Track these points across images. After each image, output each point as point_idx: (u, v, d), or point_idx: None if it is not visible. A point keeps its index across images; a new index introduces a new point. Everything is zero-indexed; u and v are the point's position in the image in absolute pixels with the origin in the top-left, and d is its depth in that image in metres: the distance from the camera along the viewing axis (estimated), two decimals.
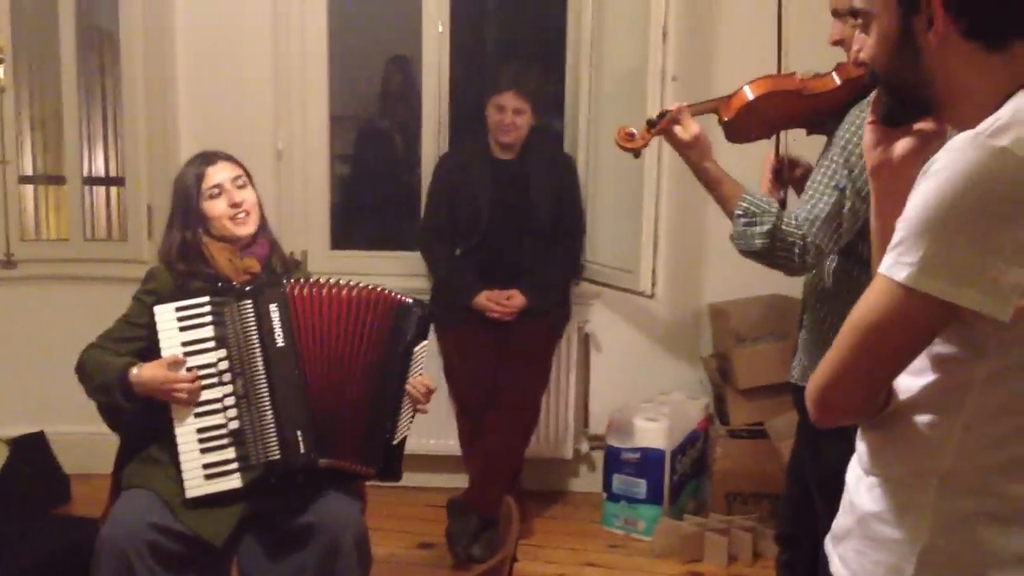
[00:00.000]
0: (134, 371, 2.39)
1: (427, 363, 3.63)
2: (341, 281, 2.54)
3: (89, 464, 3.64)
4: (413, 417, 2.57)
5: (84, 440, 2.93)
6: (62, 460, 4.05)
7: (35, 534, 3.25)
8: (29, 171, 4.51)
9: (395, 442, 2.52)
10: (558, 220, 3.79)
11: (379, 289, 2.57)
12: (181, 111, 4.15)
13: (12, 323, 4.20)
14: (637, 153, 2.42)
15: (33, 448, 3.97)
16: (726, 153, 2.36)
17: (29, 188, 4.52)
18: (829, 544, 1.43)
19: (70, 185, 4.33)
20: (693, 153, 2.27)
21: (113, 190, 4.56)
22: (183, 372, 2.39)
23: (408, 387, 2.52)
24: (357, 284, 2.55)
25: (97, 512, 2.56)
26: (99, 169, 4.58)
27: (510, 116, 3.67)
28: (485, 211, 3.72)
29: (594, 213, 3.95)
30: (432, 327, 3.75)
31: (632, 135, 2.38)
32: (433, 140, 4.13)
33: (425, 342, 2.59)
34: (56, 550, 3.05)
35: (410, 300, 2.59)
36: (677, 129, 2.26)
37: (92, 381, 2.47)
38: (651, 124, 2.32)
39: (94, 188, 4.60)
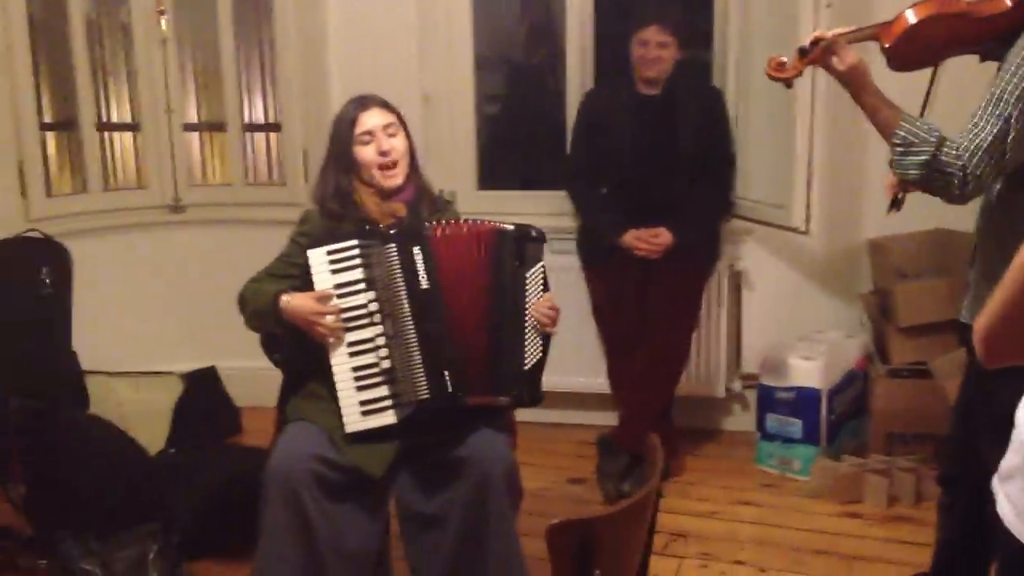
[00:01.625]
0: (285, 298, 2.49)
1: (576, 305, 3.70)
2: (477, 220, 2.57)
3: (257, 397, 3.81)
4: (546, 342, 2.57)
5: (252, 374, 3.07)
6: (232, 393, 4.28)
7: (209, 462, 3.46)
8: (193, 119, 4.70)
9: (527, 367, 2.52)
10: (706, 156, 3.69)
11: (489, 222, 2.57)
12: (331, 58, 4.25)
13: (182, 264, 4.43)
14: (789, 83, 2.35)
15: (205, 382, 4.19)
16: (887, 81, 2.25)
17: (195, 136, 4.71)
18: (996, 483, 1.39)
19: (231, 132, 4.50)
20: (851, 84, 2.18)
21: (272, 136, 4.70)
22: (330, 306, 2.46)
23: (529, 311, 2.52)
24: (487, 221, 2.57)
25: (265, 443, 2.68)
26: (258, 116, 4.73)
27: (653, 50, 3.59)
28: (628, 148, 3.66)
29: (745, 147, 3.84)
30: (582, 264, 3.85)
31: (783, 65, 2.31)
32: (577, 77, 4.10)
33: (538, 266, 2.57)
34: (228, 478, 3.22)
35: (510, 227, 2.56)
36: (833, 59, 2.17)
37: (248, 307, 2.58)
38: (803, 53, 2.23)
39: (254, 134, 4.76)
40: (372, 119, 2.62)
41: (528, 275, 2.54)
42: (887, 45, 2.21)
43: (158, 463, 3.42)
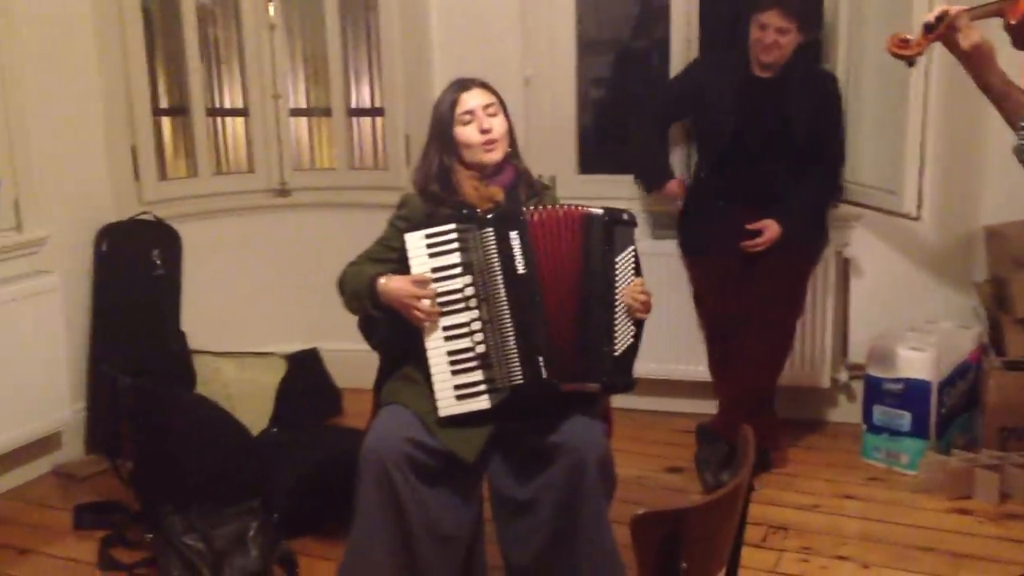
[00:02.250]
0: (382, 280, 2.51)
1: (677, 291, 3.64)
2: (571, 205, 2.54)
3: (359, 379, 3.85)
4: (638, 328, 2.52)
5: (353, 357, 3.10)
6: (334, 375, 4.35)
7: (309, 442, 3.52)
8: (302, 105, 4.77)
9: (617, 353, 2.48)
10: (816, 142, 3.58)
11: (579, 207, 2.53)
12: (434, 43, 4.27)
13: (287, 247, 4.51)
14: (912, 61, 2.25)
15: (308, 363, 4.26)
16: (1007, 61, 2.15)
17: (303, 121, 4.79)
18: None
19: (335, 117, 4.56)
20: (973, 62, 2.08)
21: (378, 121, 4.75)
22: (427, 290, 2.47)
23: (619, 296, 2.48)
24: (580, 206, 2.53)
25: (365, 424, 2.72)
26: (365, 101, 4.79)
27: (771, 35, 3.47)
28: (730, 126, 3.57)
29: (854, 130, 3.71)
30: (682, 251, 3.79)
31: (907, 41, 2.21)
32: (682, 60, 4.02)
33: (629, 250, 2.52)
34: (327, 458, 3.28)
35: (599, 210, 2.52)
36: (957, 36, 2.08)
37: (347, 289, 2.62)
38: (928, 28, 2.14)
39: (360, 119, 4.82)
40: (473, 99, 2.63)
41: (618, 260, 2.50)
42: (1013, 22, 2.10)
43: (260, 442, 3.48)
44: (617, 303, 2.49)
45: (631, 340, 2.51)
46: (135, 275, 3.98)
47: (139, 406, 3.19)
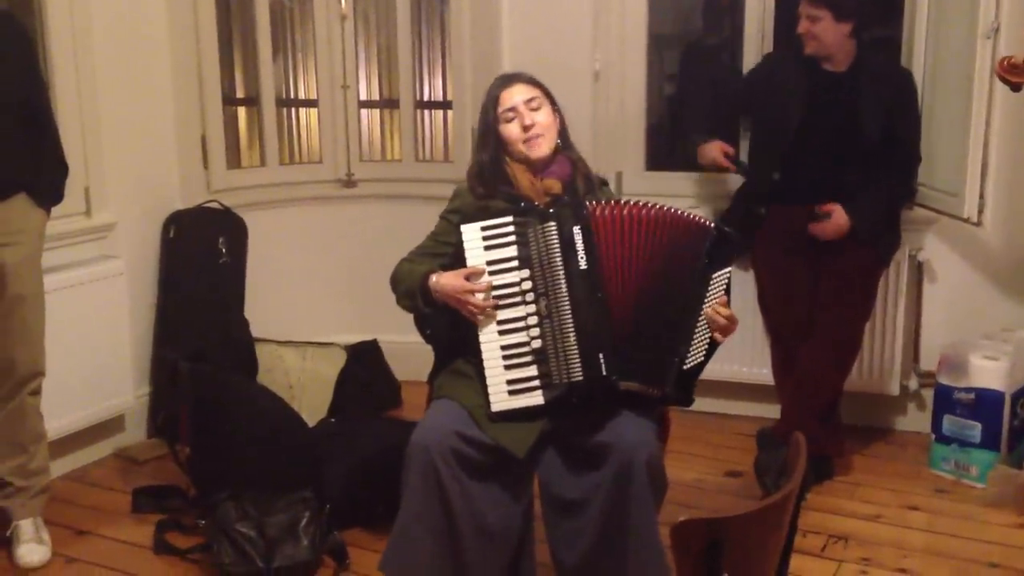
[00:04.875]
0: (433, 278, 2.50)
1: (741, 293, 3.57)
2: (641, 202, 2.48)
3: (418, 372, 3.85)
4: (711, 347, 2.47)
5: (413, 349, 3.10)
6: (394, 367, 4.35)
7: (364, 433, 3.52)
8: (374, 96, 4.78)
9: (687, 367, 2.44)
10: (889, 138, 3.47)
11: (678, 211, 2.48)
12: (504, 36, 4.25)
13: (351, 238, 4.53)
14: (1017, 87, 2.13)
15: (368, 355, 4.27)
16: None
17: (375, 113, 4.80)
18: None
19: (403, 109, 4.56)
20: None
21: (449, 114, 4.75)
22: (480, 283, 2.44)
23: (706, 312, 2.43)
24: (657, 205, 2.47)
25: (422, 417, 2.70)
26: (437, 94, 4.78)
27: (805, 24, 3.41)
28: (795, 122, 3.49)
29: (930, 132, 3.60)
30: (746, 253, 3.71)
31: (1017, 68, 2.10)
32: (756, 54, 3.94)
33: (727, 270, 2.47)
34: (381, 450, 3.25)
35: (710, 223, 2.48)
36: None
37: (400, 287, 2.61)
38: None
39: (432, 112, 4.81)
40: (514, 96, 2.60)
41: (715, 275, 2.45)
42: None
43: (315, 433, 3.50)
44: (701, 318, 2.43)
45: (701, 358, 2.46)
46: (201, 262, 4.02)
47: (198, 391, 3.22)
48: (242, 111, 4.68)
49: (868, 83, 3.48)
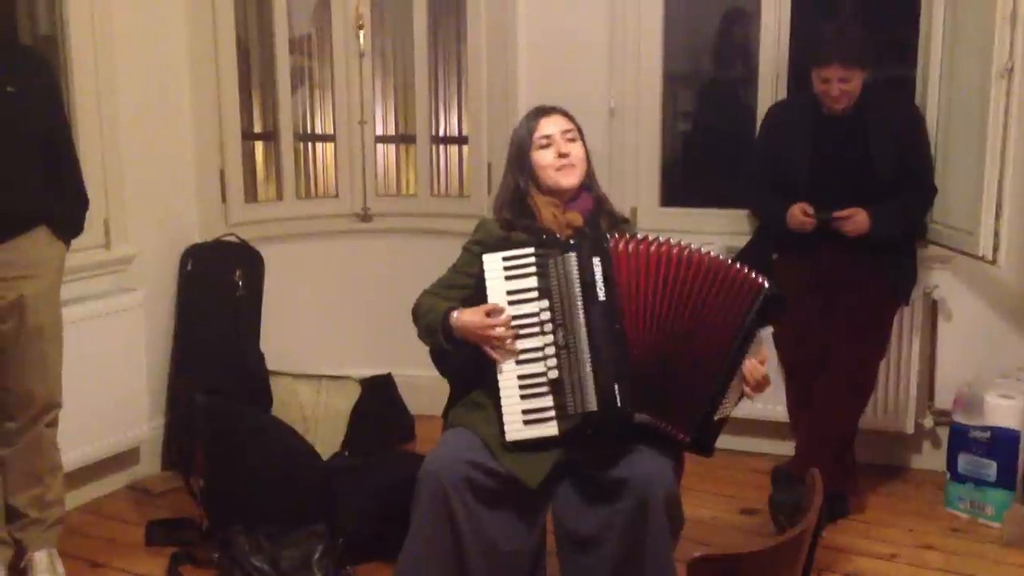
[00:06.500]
0: (454, 314, 2.52)
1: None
2: (670, 240, 2.46)
3: (432, 406, 3.86)
4: (739, 400, 2.47)
5: (427, 383, 3.11)
6: (408, 401, 4.35)
7: (379, 468, 3.51)
8: (390, 131, 4.82)
9: (716, 418, 2.43)
10: (904, 168, 3.48)
11: (719, 257, 2.44)
12: (521, 73, 4.29)
13: (366, 272, 4.56)
14: None
15: (382, 388, 4.28)
16: None
17: (391, 148, 4.83)
18: None
19: (419, 144, 4.59)
20: None
21: (464, 149, 4.77)
22: (500, 319, 2.45)
23: (744, 368, 2.42)
24: (686, 244, 2.45)
25: None
26: (453, 129, 4.82)
27: (836, 86, 3.41)
28: (805, 168, 3.50)
29: (945, 170, 3.61)
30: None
31: None
32: (770, 95, 3.98)
33: (768, 328, 2.46)
34: (395, 484, 3.21)
35: (763, 281, 2.42)
36: None
37: (420, 322, 2.63)
38: None
39: (447, 147, 4.84)
40: (552, 125, 2.66)
41: (761, 333, 2.44)
42: None
43: (329, 467, 3.49)
44: (738, 373, 2.42)
45: (728, 411, 2.46)
46: (217, 295, 4.05)
47: (213, 424, 3.23)
48: (259, 145, 4.72)
49: (874, 120, 3.49)
